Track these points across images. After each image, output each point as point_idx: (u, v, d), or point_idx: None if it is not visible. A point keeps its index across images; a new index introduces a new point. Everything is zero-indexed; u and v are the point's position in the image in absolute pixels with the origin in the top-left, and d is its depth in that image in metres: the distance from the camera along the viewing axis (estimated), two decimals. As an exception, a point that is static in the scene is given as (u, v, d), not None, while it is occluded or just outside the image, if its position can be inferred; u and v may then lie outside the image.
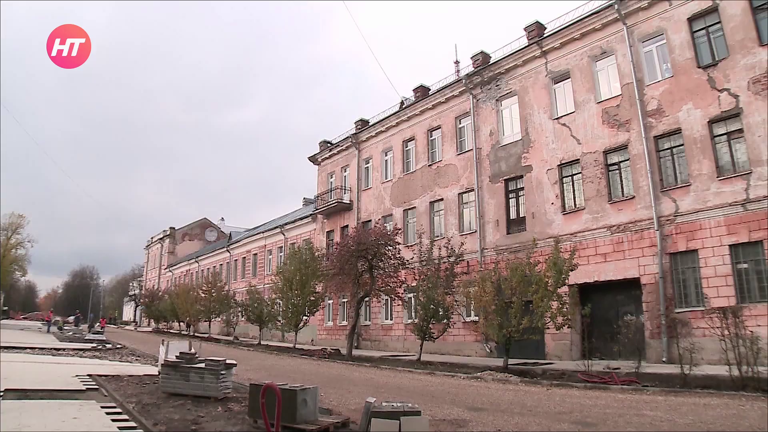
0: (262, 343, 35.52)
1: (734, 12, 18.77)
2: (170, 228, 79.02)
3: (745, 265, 17.77)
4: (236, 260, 55.12)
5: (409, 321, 25.75)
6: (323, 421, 9.03)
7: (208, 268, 60.44)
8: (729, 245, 18.04)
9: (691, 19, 19.94)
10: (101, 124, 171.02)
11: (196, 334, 44.55)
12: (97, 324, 56.44)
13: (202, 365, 11.86)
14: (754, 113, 17.93)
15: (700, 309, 17.73)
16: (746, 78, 18.24)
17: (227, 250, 57.05)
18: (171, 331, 55.57)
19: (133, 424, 8.78)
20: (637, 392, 13.28)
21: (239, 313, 41.44)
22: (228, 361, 12.10)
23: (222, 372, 11.66)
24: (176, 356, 12.60)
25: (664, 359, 18.31)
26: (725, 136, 18.87)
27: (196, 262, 65.70)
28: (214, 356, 13.59)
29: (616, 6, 21.58)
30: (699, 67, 19.53)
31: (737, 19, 18.69)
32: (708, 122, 19.08)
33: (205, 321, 47.13)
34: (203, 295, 46.18)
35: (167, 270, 75.77)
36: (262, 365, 21.76)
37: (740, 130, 18.39)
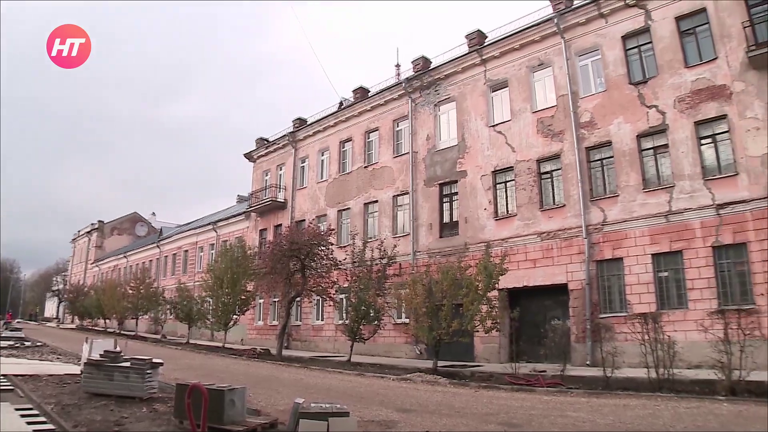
0: (191, 341, 34.08)
1: (664, 34, 19.37)
2: (99, 221, 75.38)
3: (666, 274, 18.29)
4: (166, 257, 53.08)
5: (340, 322, 25.22)
6: (251, 421, 8.79)
7: (137, 264, 57.76)
8: (652, 254, 18.51)
9: (625, 38, 20.40)
10: (28, 109, 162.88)
11: (122, 332, 42.50)
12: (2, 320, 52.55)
13: (128, 364, 11.37)
14: (679, 130, 18.54)
15: (623, 315, 17.98)
16: (673, 96, 18.80)
17: (157, 246, 54.86)
18: (96, 328, 52.80)
19: (51, 426, 8.24)
20: (562, 394, 13.40)
21: (168, 311, 40.05)
22: (154, 360, 11.67)
23: (148, 371, 11.19)
24: (100, 355, 12.07)
25: (588, 362, 18.43)
26: (652, 151, 19.35)
27: (125, 257, 62.96)
28: (141, 355, 12.87)
29: (555, 20, 21.81)
30: (630, 84, 19.99)
31: (666, 41, 19.30)
32: (637, 136, 19.55)
33: (133, 318, 45.16)
34: (131, 291, 44.20)
35: (94, 265, 72.30)
36: (190, 365, 21.02)
37: (666, 146, 18.92)
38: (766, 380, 12.32)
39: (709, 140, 18.17)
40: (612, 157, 20.10)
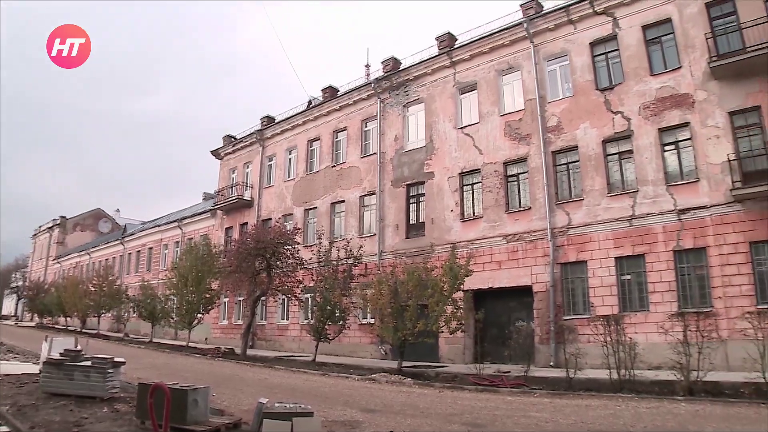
0: (154, 340, 33.28)
1: (631, 42, 19.60)
2: (61, 217, 73.14)
3: (628, 277, 18.48)
4: (130, 254, 51.63)
5: (306, 321, 24.94)
6: (214, 421, 8.62)
7: (100, 261, 56.16)
8: (615, 258, 18.67)
9: (593, 44, 20.57)
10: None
11: (83, 330, 41.29)
12: None
13: (89, 363, 10.96)
14: (643, 136, 18.77)
15: (587, 317, 17.96)
16: (638, 103, 19.02)
17: (121, 243, 53.42)
18: (57, 326, 51.13)
19: (5, 429, 7.95)
20: (526, 395, 13.48)
21: (131, 309, 39.17)
22: (116, 359, 11.31)
23: (109, 370, 10.82)
24: (60, 354, 11.58)
25: (551, 363, 18.43)
26: (617, 156, 19.53)
27: (88, 254, 61.21)
28: (102, 354, 12.38)
29: (525, 25, 21.85)
30: (597, 90, 20.16)
31: (633, 49, 19.53)
32: (602, 141, 19.71)
33: (95, 317, 43.81)
34: (93, 289, 42.95)
35: (55, 261, 70.18)
36: (153, 364, 20.50)
37: (630, 151, 19.13)
38: (722, 380, 12.75)
39: (672, 147, 18.41)
40: (578, 161, 20.20)
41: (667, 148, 18.45)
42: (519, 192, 21.81)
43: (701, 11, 18.11)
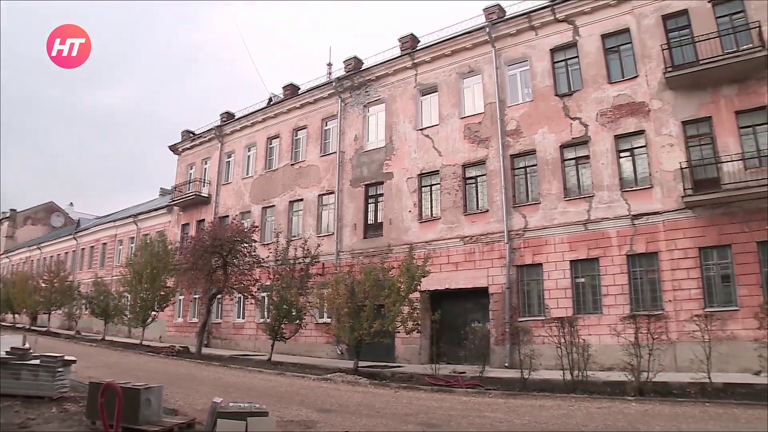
0: (107, 338, 32.08)
1: (590, 50, 19.75)
2: (11, 210, 70.17)
3: (582, 280, 18.61)
4: (83, 249, 49.71)
5: (262, 320, 24.40)
6: (167, 421, 8.47)
7: (52, 256, 54.25)
8: (570, 261, 18.78)
9: (553, 51, 20.66)
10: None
11: (32, 328, 39.69)
12: None
13: (37, 362, 10.61)
14: (600, 142, 18.92)
15: (541, 318, 18.06)
16: (595, 110, 19.16)
17: (74, 238, 51.44)
18: (4, 324, 48.92)
19: None
20: (481, 395, 13.45)
21: (83, 306, 37.76)
22: (66, 358, 11.00)
23: (59, 369, 10.48)
24: (6, 352, 11.20)
25: (506, 364, 18.44)
26: (574, 161, 19.63)
27: (39, 249, 58.89)
28: (52, 352, 11.89)
29: (487, 29, 21.79)
30: (556, 95, 20.22)
31: (592, 57, 19.67)
32: (560, 146, 19.80)
33: (45, 313, 42.27)
34: (44, 285, 41.27)
35: (4, 256, 67.10)
36: (106, 362, 19.83)
37: (587, 157, 19.24)
38: (670, 381, 13.04)
39: (627, 154, 18.65)
40: (535, 165, 20.23)
41: (622, 154, 18.67)
42: (477, 194, 21.71)
43: (658, 23, 18.39)
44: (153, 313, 28.86)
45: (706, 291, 16.27)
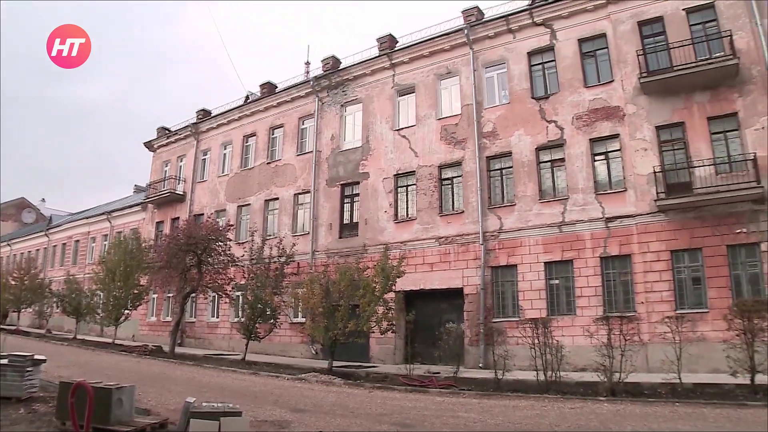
0: (79, 337, 31.24)
1: (567, 54, 19.79)
2: (-20, 206, 69.23)
3: (557, 281, 18.59)
4: (55, 246, 48.41)
5: (236, 320, 24.01)
6: (140, 421, 8.30)
7: (23, 253, 52.81)
8: (544, 262, 18.76)
9: (531, 54, 20.65)
10: None
11: (1, 327, 38.61)
12: None
13: (5, 361, 10.19)
14: (575, 145, 18.94)
15: (516, 319, 17.93)
16: (571, 113, 19.18)
17: (46, 235, 50.05)
18: (-29, 323, 48.06)
19: None
20: (455, 395, 13.42)
21: (54, 304, 36.77)
22: (36, 357, 10.61)
23: (28, 369, 10.13)
24: None
25: (480, 365, 18.37)
26: (549, 163, 19.64)
27: (9, 245, 57.19)
28: (21, 351, 11.50)
29: (465, 31, 21.72)
30: (533, 98, 20.23)
31: (568, 61, 19.71)
32: (535, 149, 19.78)
33: (14, 312, 41.22)
34: (13, 282, 39.78)
35: (-27, 252, 66.12)
36: (77, 361, 19.23)
37: (562, 159, 19.27)
38: (642, 381, 13.13)
39: (602, 157, 18.69)
40: (511, 167, 20.19)
41: (597, 157, 18.71)
42: (453, 195, 21.59)
43: (634, 29, 18.50)
44: (126, 311, 28.22)
45: (678, 293, 16.42)
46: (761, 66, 16.26)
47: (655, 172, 16.95)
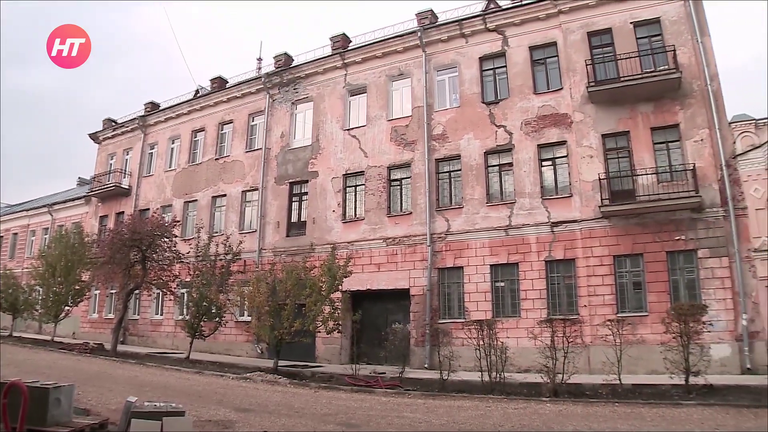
0: (15, 334, 29.09)
1: (518, 60, 19.56)
2: None
3: (502, 284, 18.35)
4: (-8, 239, 46.09)
5: (181, 317, 22.69)
6: (78, 422, 7.88)
7: (-43, 246, 50.01)
8: (490, 265, 18.48)
9: (483, 59, 20.35)
10: None
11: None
12: None
13: None
14: (523, 150, 18.71)
15: (461, 321, 17.54)
16: (520, 119, 18.95)
17: (-19, 227, 47.63)
18: None
19: None
20: (400, 395, 13.23)
21: (-11, 300, 34.46)
22: None
23: None
24: None
25: (426, 365, 17.90)
26: (497, 167, 19.36)
27: (-59, 237, 54.19)
28: None
29: (419, 34, 21.24)
30: (483, 103, 19.93)
31: (519, 67, 19.49)
32: (484, 153, 19.49)
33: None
34: (-56, 277, 37.63)
35: None
36: (13, 360, 17.77)
37: (510, 164, 19.01)
38: (584, 382, 13.15)
39: (549, 163, 18.53)
40: (460, 170, 19.80)
41: (544, 163, 18.53)
42: (401, 196, 20.99)
43: (583, 39, 18.42)
44: (66, 308, 26.47)
45: (619, 297, 16.42)
46: (701, 81, 16.51)
47: (600, 179, 16.84)
